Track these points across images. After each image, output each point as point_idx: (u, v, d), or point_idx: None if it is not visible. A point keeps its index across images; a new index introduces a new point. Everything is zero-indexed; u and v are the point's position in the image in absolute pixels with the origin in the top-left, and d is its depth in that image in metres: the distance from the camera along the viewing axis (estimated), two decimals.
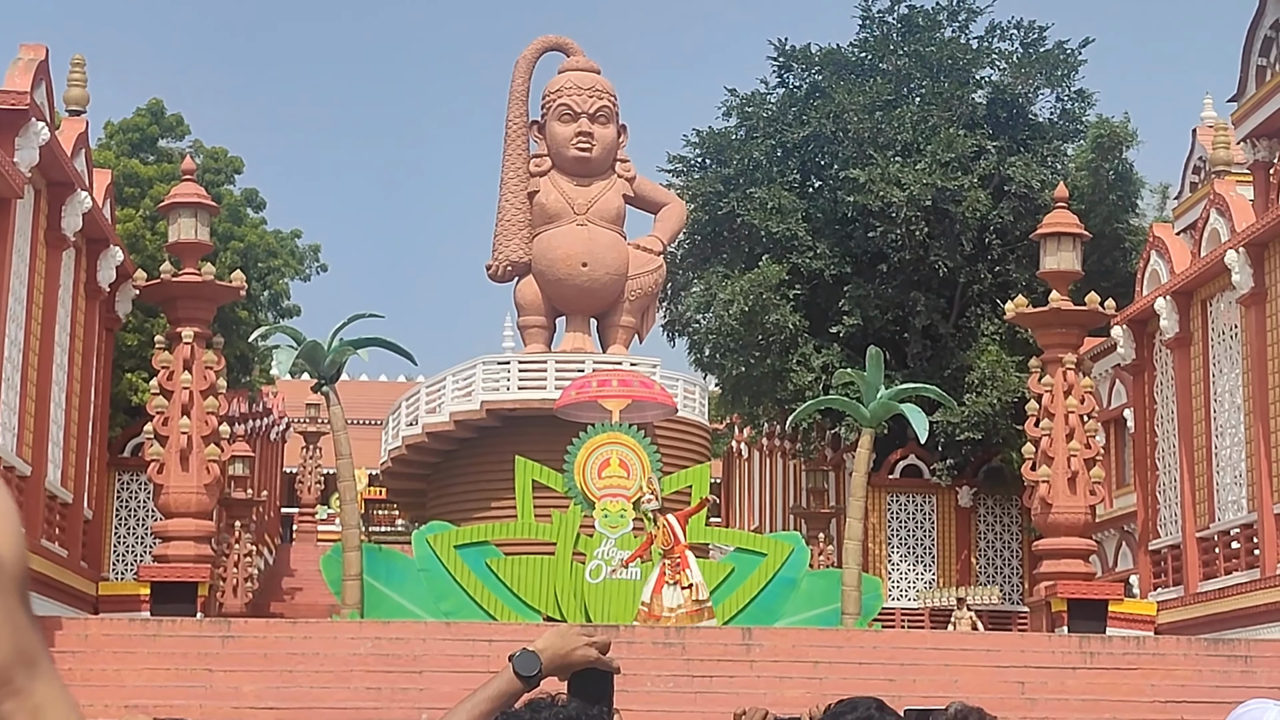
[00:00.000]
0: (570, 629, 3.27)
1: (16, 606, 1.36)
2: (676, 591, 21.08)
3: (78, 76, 25.71)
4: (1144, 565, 28.05)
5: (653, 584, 21.26)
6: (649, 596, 21.19)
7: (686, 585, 21.10)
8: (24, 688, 1.36)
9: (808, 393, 31.49)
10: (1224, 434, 25.27)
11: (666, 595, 21.08)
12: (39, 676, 1.38)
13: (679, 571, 21.13)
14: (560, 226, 29.85)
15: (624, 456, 22.66)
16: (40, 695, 1.37)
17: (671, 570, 21.16)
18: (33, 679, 1.37)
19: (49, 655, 1.43)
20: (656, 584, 21.20)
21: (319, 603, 31.07)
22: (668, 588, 21.10)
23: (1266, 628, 22.25)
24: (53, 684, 1.40)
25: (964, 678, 18.87)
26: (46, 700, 1.37)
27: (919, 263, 33.51)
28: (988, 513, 35.12)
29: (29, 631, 1.37)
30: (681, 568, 21.17)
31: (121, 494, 29.48)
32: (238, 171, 34.81)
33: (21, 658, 1.36)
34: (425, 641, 19.40)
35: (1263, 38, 26.07)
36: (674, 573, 21.13)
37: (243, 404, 36.14)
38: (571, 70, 30.60)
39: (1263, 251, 23.71)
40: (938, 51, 34.47)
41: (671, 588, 21.09)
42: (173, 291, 23.94)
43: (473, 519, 26.21)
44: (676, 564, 21.19)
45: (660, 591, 21.12)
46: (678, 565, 21.19)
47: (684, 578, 21.12)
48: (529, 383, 28.86)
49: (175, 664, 18.64)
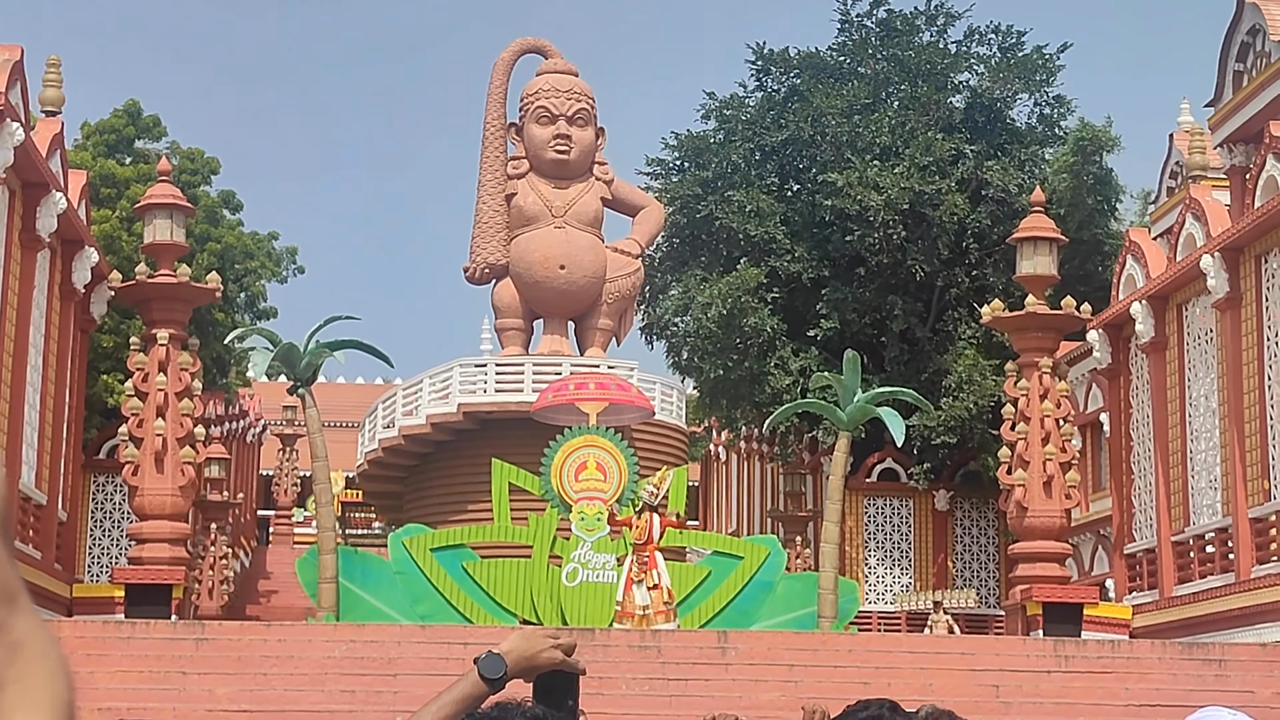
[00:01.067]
0: (536, 631, 3.25)
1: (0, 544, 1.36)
2: (644, 590, 21.11)
3: (53, 77, 25.63)
4: (1119, 569, 28.12)
5: (623, 583, 21.28)
6: (622, 595, 21.21)
7: (653, 585, 21.13)
8: (4, 623, 1.35)
9: (785, 396, 31.52)
10: (1199, 438, 25.35)
11: (636, 594, 21.12)
12: (18, 612, 1.37)
13: (646, 571, 21.16)
14: (538, 229, 29.81)
15: (601, 459, 22.63)
16: (19, 630, 1.36)
17: (639, 568, 21.18)
18: (13, 614, 1.36)
19: (27, 592, 1.42)
20: (627, 582, 21.24)
21: (295, 605, 31.00)
22: (636, 586, 21.12)
23: (1240, 631, 22.32)
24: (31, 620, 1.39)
25: (939, 681, 18.88)
26: (26, 635, 1.36)
27: (897, 266, 33.55)
28: (964, 516, 35.18)
29: (10, 568, 1.36)
30: (649, 567, 21.20)
31: (96, 496, 29.38)
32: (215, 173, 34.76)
33: (2, 594, 1.35)
34: (400, 644, 19.34)
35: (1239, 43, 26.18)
36: (641, 571, 21.14)
37: (219, 406, 36.04)
38: (550, 73, 30.56)
39: (1238, 256, 23.79)
40: (916, 56, 34.53)
41: (639, 586, 21.11)
42: (148, 293, 23.86)
43: (449, 522, 26.15)
44: (644, 563, 21.21)
45: (630, 589, 21.16)
46: (645, 564, 21.20)
47: (650, 578, 21.15)
48: (506, 385, 28.81)
49: (149, 666, 18.56)
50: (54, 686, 1.36)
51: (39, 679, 1.35)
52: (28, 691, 1.33)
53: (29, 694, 1.33)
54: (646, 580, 21.15)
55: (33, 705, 1.33)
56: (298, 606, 29.96)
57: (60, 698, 1.37)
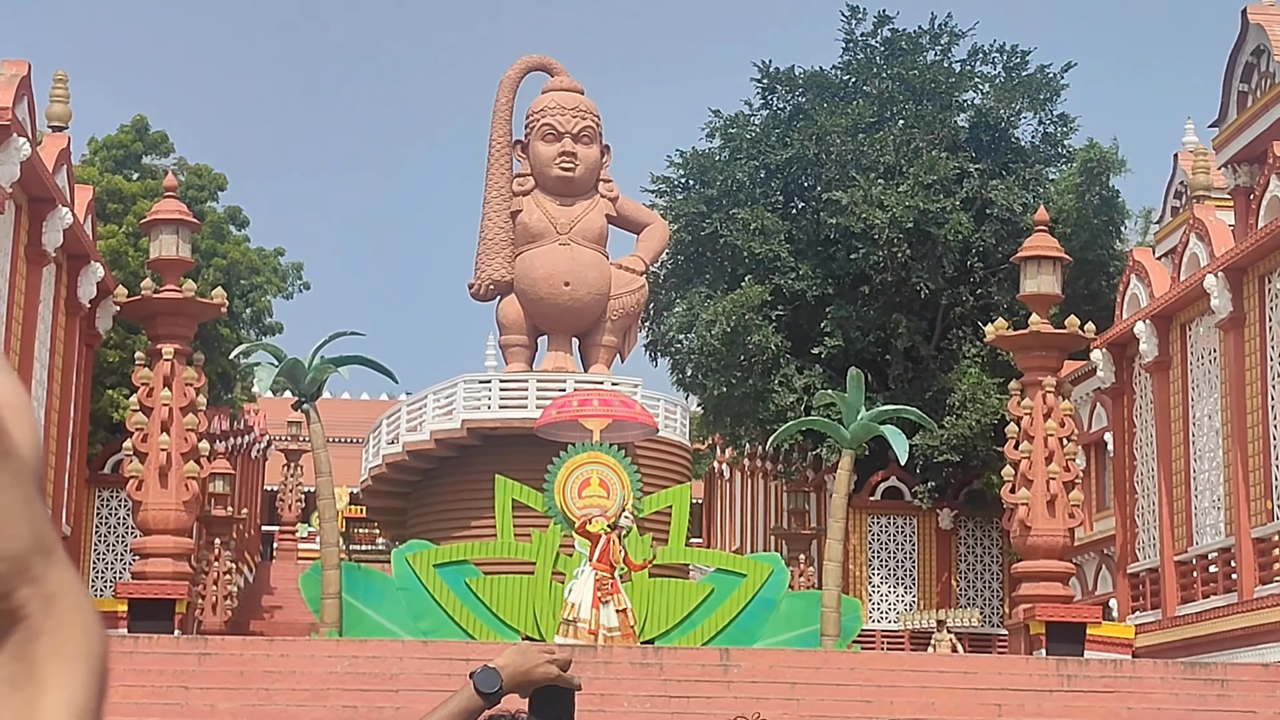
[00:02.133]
0: (532, 646, 3.28)
1: (34, 496, 1.39)
2: (612, 612, 21.25)
3: (60, 92, 25.72)
4: (1122, 589, 28.09)
5: (589, 600, 21.38)
6: (588, 613, 21.26)
7: (621, 609, 21.35)
8: (40, 575, 1.38)
9: (789, 414, 31.51)
10: (1202, 458, 25.35)
11: (603, 613, 21.26)
12: (54, 565, 1.40)
13: (611, 593, 21.35)
14: (543, 246, 29.86)
15: (604, 476, 22.64)
16: (54, 583, 1.39)
17: (602, 590, 21.34)
18: (49, 567, 1.39)
19: (62, 545, 1.46)
20: (594, 600, 21.36)
21: (299, 621, 30.99)
22: (603, 605, 21.27)
23: (1243, 651, 22.30)
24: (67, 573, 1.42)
25: (941, 699, 18.87)
26: (60, 588, 1.39)
27: (901, 285, 33.57)
28: (968, 535, 35.14)
29: (45, 521, 1.40)
30: (614, 590, 21.40)
31: (101, 511, 29.41)
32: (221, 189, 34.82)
33: (39, 546, 1.38)
34: (402, 660, 19.36)
35: (1244, 64, 26.22)
36: (605, 593, 21.31)
37: (224, 421, 36.08)
38: (555, 90, 30.64)
39: (1241, 276, 23.81)
40: (920, 75, 34.59)
41: (606, 606, 21.26)
42: (153, 308, 23.91)
43: (452, 538, 26.16)
44: (609, 585, 21.38)
45: (597, 608, 21.29)
46: (610, 587, 21.38)
47: (618, 601, 21.36)
48: (510, 402, 28.83)
49: (151, 681, 18.58)
50: (89, 639, 1.40)
51: (74, 631, 1.39)
52: (63, 643, 1.37)
53: (64, 645, 1.37)
54: (615, 603, 21.31)
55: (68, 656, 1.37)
56: (301, 622, 29.96)
57: (95, 649, 1.41)
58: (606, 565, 21.53)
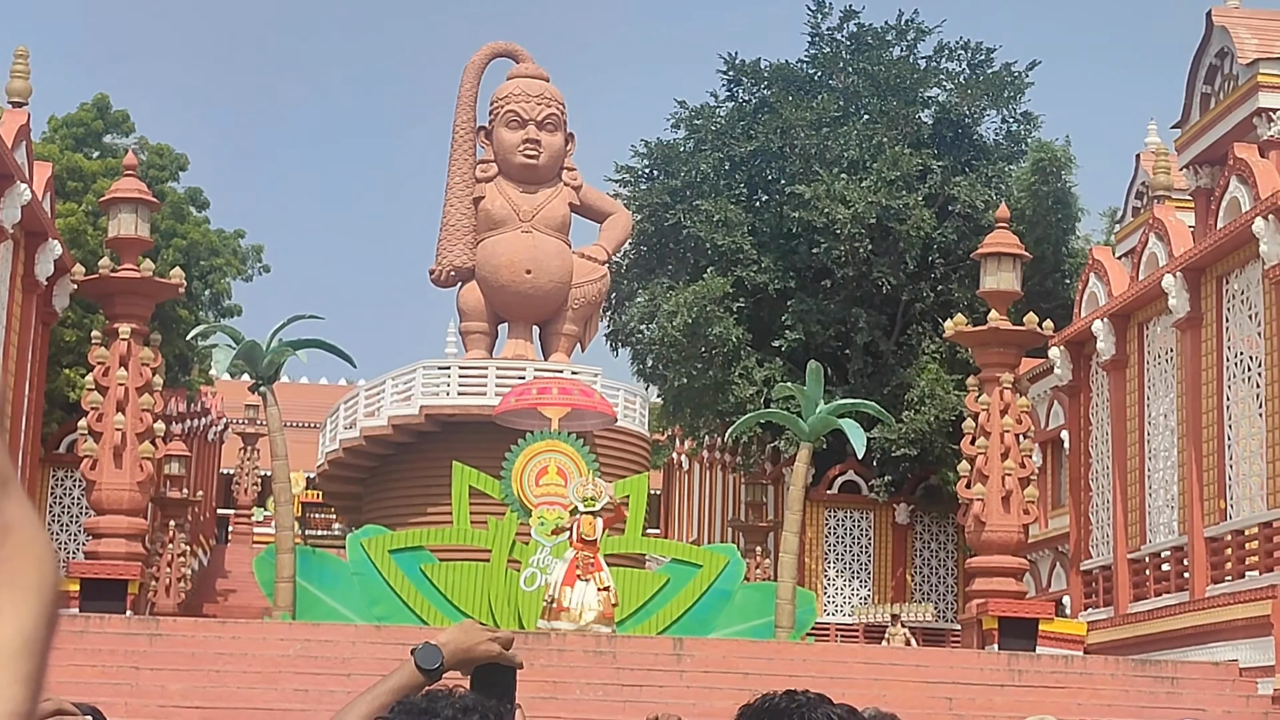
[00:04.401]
0: (474, 624, 3.26)
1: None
2: (594, 590, 21.00)
3: (21, 68, 25.51)
4: (1075, 585, 28.22)
5: (561, 577, 21.10)
6: (557, 590, 21.02)
7: (604, 587, 21.07)
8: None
9: (749, 406, 31.56)
10: (1157, 457, 25.48)
11: (579, 590, 20.97)
12: (9, 497, 1.40)
13: (592, 571, 21.08)
14: (505, 233, 29.80)
15: (562, 464, 22.63)
16: (9, 514, 1.40)
17: (584, 567, 21.06)
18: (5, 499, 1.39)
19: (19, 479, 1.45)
20: (567, 577, 21.06)
21: (253, 604, 30.88)
22: (580, 583, 20.99)
23: (1194, 650, 22.43)
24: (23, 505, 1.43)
25: (892, 692, 18.92)
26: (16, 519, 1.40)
27: (862, 279, 33.65)
28: (924, 530, 35.28)
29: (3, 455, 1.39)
30: (596, 568, 21.14)
31: (55, 490, 29.24)
32: (182, 169, 34.64)
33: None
34: (355, 644, 19.30)
35: (1208, 65, 26.32)
36: (586, 570, 21.04)
37: (180, 403, 35.91)
38: (520, 77, 30.57)
39: (1199, 277, 23.92)
40: (886, 70, 34.66)
41: (586, 584, 20.99)
42: (111, 287, 23.75)
43: (409, 524, 26.10)
44: (590, 563, 21.12)
45: (571, 585, 21.00)
46: (592, 565, 21.13)
47: (599, 579, 21.09)
48: (469, 388, 28.78)
49: (102, 661, 18.46)
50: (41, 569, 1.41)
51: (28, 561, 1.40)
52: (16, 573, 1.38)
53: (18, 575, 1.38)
54: (596, 581, 21.08)
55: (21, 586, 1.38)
56: (255, 606, 29.85)
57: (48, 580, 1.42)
58: (589, 545, 21.25)
